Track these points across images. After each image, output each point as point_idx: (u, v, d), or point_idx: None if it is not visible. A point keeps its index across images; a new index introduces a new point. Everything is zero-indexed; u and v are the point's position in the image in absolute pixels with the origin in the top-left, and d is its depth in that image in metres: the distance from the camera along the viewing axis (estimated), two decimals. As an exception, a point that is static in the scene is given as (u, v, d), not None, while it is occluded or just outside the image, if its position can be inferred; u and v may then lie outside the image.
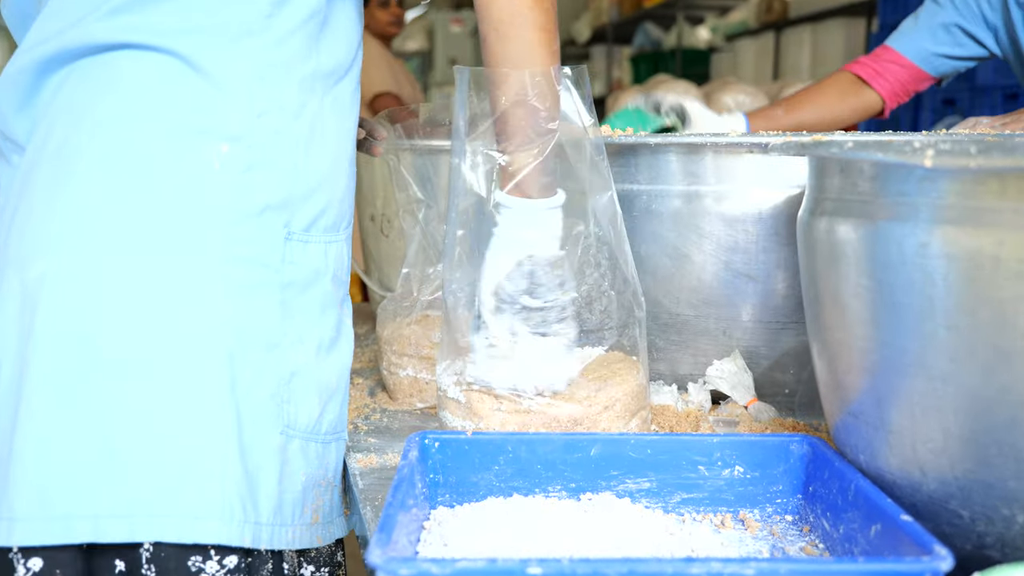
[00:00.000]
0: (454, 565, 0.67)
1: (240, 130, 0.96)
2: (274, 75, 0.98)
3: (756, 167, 1.23)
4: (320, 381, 1.05)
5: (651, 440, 0.97)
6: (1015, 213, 0.67)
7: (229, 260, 0.96)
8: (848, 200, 0.83)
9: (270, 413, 0.99)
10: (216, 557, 0.94)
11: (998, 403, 0.71)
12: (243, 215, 0.97)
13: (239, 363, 0.96)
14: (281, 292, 1.00)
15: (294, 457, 1.02)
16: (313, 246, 1.03)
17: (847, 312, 0.84)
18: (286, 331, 1.00)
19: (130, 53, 0.95)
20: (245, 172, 0.97)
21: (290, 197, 1.00)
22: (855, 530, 0.83)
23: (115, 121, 0.95)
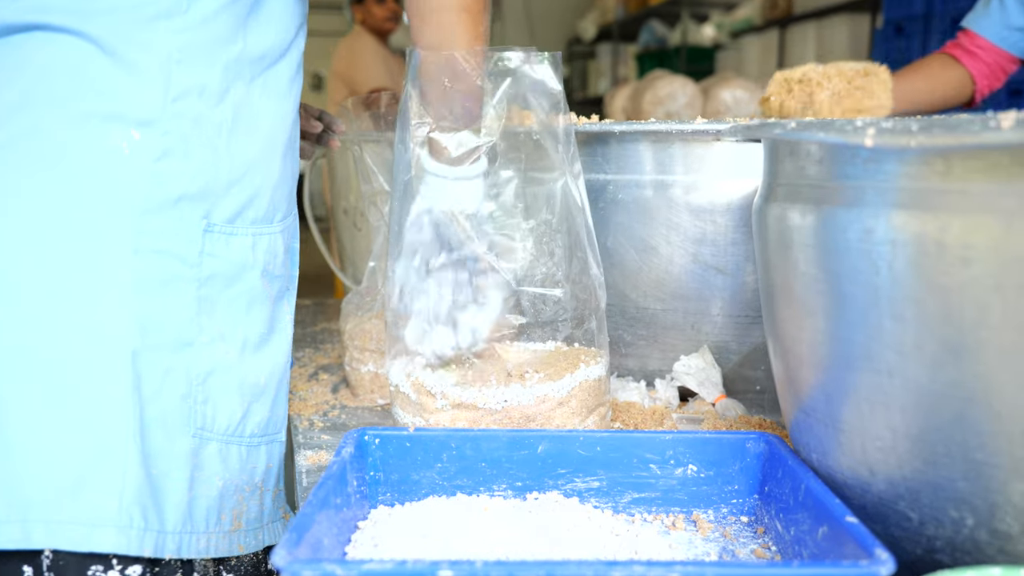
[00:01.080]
0: (361, 567, 0.64)
1: (153, 115, 0.91)
2: (194, 58, 0.92)
3: (724, 157, 1.19)
4: (244, 380, 1.00)
5: (600, 437, 0.93)
6: (960, 195, 0.63)
7: (138, 253, 0.91)
8: (797, 185, 0.79)
9: (181, 415, 0.94)
10: (118, 567, 0.90)
11: (945, 398, 0.67)
12: (155, 205, 0.92)
13: (145, 362, 0.91)
14: (198, 287, 0.95)
15: (209, 461, 0.97)
16: (238, 239, 0.97)
17: (797, 303, 0.80)
18: (202, 328, 0.95)
19: (39, 35, 0.90)
20: (158, 160, 0.91)
21: (210, 187, 0.95)
22: (805, 532, 0.79)
23: (22, 106, 0.90)
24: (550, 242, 1.06)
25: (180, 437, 0.94)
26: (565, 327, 1.08)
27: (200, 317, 0.95)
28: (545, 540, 0.85)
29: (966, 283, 0.63)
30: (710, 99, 3.57)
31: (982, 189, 0.62)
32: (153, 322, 0.92)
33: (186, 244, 0.93)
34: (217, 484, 0.97)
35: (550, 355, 1.09)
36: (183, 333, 0.94)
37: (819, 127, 0.69)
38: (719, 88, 3.59)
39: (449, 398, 1.03)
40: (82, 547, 0.87)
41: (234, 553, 0.99)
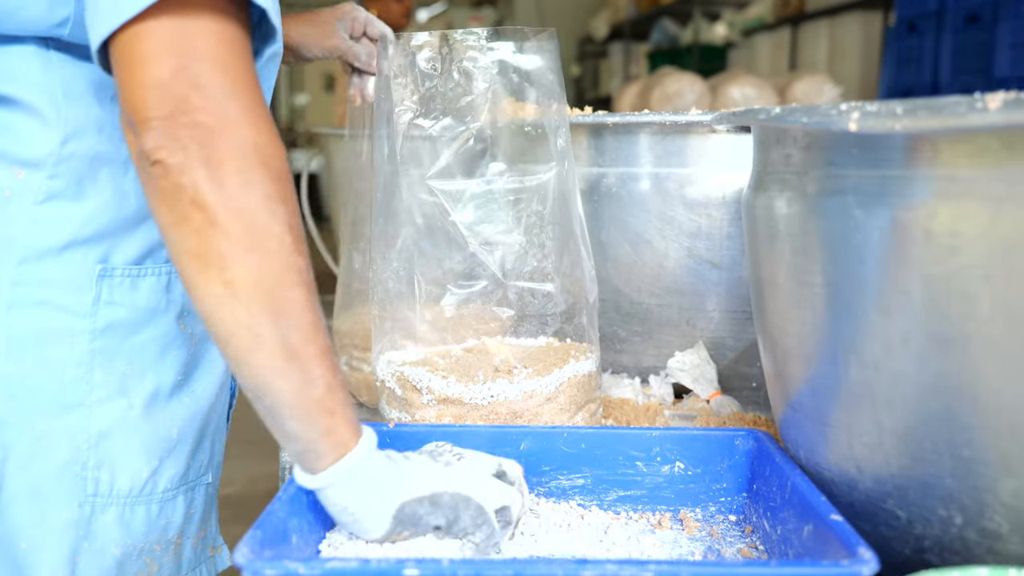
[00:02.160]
0: (324, 565, 0.61)
1: (37, 155, 0.82)
2: (85, 89, 0.83)
3: (720, 149, 1.16)
4: (152, 437, 0.90)
5: (585, 434, 0.91)
6: (947, 181, 0.61)
7: (11, 307, 0.82)
8: (783, 174, 0.76)
9: (63, 484, 0.85)
10: None
11: (932, 393, 0.64)
12: (37, 252, 0.83)
13: (11, 431, 0.83)
14: (91, 340, 0.85)
15: (104, 529, 0.88)
16: (147, 280, 0.89)
17: (784, 296, 0.77)
18: (95, 385, 0.86)
19: None
20: (43, 202, 0.83)
21: (110, 226, 0.86)
22: (791, 531, 0.76)
23: None
24: (540, 234, 1.04)
25: (59, 508, 0.85)
26: (555, 321, 1.06)
27: (92, 373, 0.86)
28: (525, 539, 0.83)
29: (953, 272, 0.61)
30: (719, 96, 3.54)
31: (970, 175, 0.60)
32: (25, 385, 0.83)
33: (74, 294, 0.85)
34: (114, 552, 0.89)
35: (539, 350, 1.07)
36: (67, 394, 0.85)
37: (803, 112, 0.67)
38: (728, 85, 3.57)
39: (435, 393, 1.01)
40: None
41: None
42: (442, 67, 0.98)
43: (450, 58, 0.99)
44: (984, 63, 4.24)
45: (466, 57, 0.99)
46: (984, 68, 4.25)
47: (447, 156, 1.00)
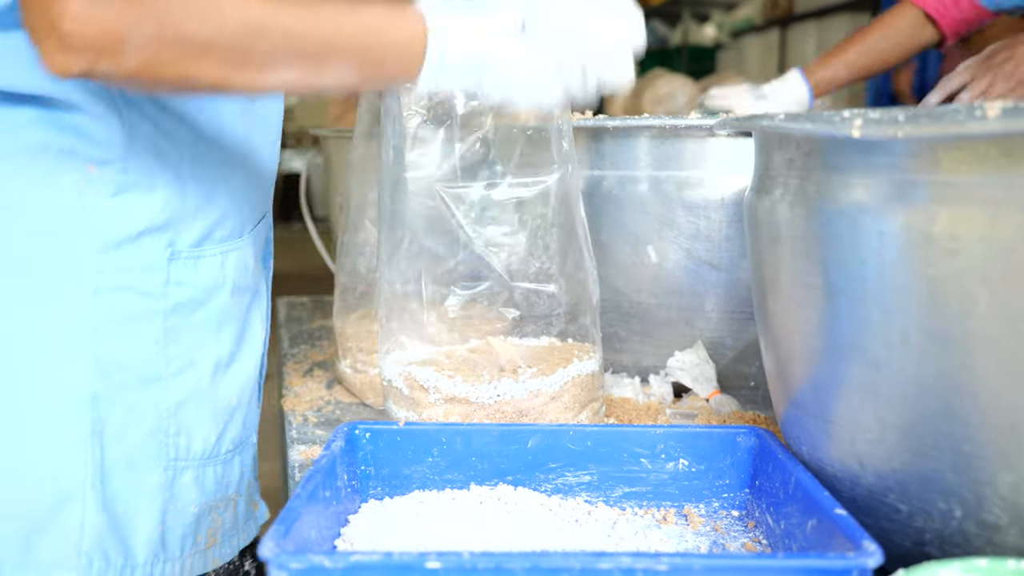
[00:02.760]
0: (348, 559, 0.64)
1: (110, 151, 0.88)
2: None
3: (719, 153, 1.19)
4: (217, 404, 0.98)
5: (591, 432, 0.93)
6: (947, 186, 0.63)
7: (97, 292, 0.88)
8: (786, 177, 0.78)
9: (150, 451, 0.92)
10: None
11: (932, 390, 0.66)
12: (115, 241, 0.89)
13: (106, 405, 0.89)
14: (164, 319, 0.92)
15: (184, 490, 0.95)
16: (206, 260, 0.95)
17: (786, 296, 0.80)
18: (169, 361, 0.93)
19: None
20: (116, 195, 0.88)
21: (174, 215, 0.92)
22: (795, 525, 0.79)
23: None
24: (545, 236, 1.06)
25: (149, 473, 0.92)
26: (559, 322, 1.08)
27: (167, 349, 0.92)
28: (535, 534, 0.85)
29: (953, 274, 0.63)
30: (709, 98, 3.57)
31: (969, 180, 0.62)
32: (114, 363, 0.89)
33: (149, 276, 0.91)
34: (193, 510, 0.96)
35: (543, 350, 1.09)
36: (148, 369, 0.91)
37: (807, 119, 0.69)
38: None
39: (442, 392, 1.03)
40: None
41: (209, 568, 0.98)
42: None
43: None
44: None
45: None
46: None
47: (453, 161, 1.02)
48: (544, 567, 0.63)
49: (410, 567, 0.63)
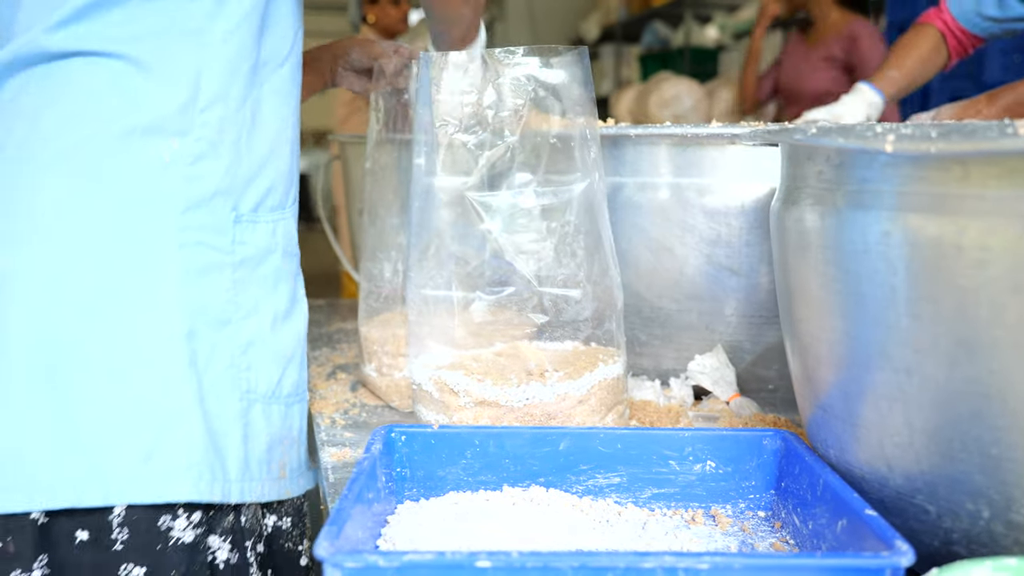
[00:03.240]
0: (402, 558, 0.66)
1: (187, 125, 1.01)
2: (218, 71, 1.02)
3: (739, 160, 1.21)
4: (277, 349, 1.10)
5: (621, 434, 0.96)
6: (977, 199, 0.65)
7: (182, 246, 1.01)
8: (815, 188, 0.81)
9: (229, 382, 1.05)
10: (183, 515, 1.02)
11: (962, 395, 0.69)
12: (193, 203, 1.02)
13: (197, 340, 1.02)
14: (233, 271, 1.05)
15: (256, 420, 1.07)
16: (261, 226, 1.08)
17: (815, 303, 0.82)
18: (239, 306, 1.06)
19: (81, 60, 1.00)
20: (194, 163, 1.02)
21: (236, 182, 1.05)
22: (823, 525, 0.81)
23: (69, 124, 1.00)
24: (572, 243, 1.08)
25: (231, 401, 1.05)
26: (586, 327, 1.10)
27: (237, 297, 1.06)
28: (568, 534, 0.87)
29: (983, 284, 0.66)
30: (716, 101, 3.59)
31: (999, 194, 0.64)
32: (199, 306, 1.03)
33: (221, 235, 1.04)
34: (264, 439, 1.08)
35: (569, 354, 1.12)
36: (223, 313, 1.05)
37: (839, 133, 0.72)
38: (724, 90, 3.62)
39: (472, 396, 1.06)
40: (160, 499, 0.99)
41: (283, 497, 1.12)
42: (481, 84, 1.03)
43: (488, 75, 1.03)
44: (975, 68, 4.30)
45: (502, 74, 1.03)
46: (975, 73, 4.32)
47: (483, 169, 1.04)
48: (592, 566, 0.65)
49: (461, 566, 0.66)
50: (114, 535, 0.99)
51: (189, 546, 1.02)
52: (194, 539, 1.02)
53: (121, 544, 1.00)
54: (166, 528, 1.01)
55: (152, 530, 1.00)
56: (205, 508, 1.04)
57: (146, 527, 1.00)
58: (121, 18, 0.99)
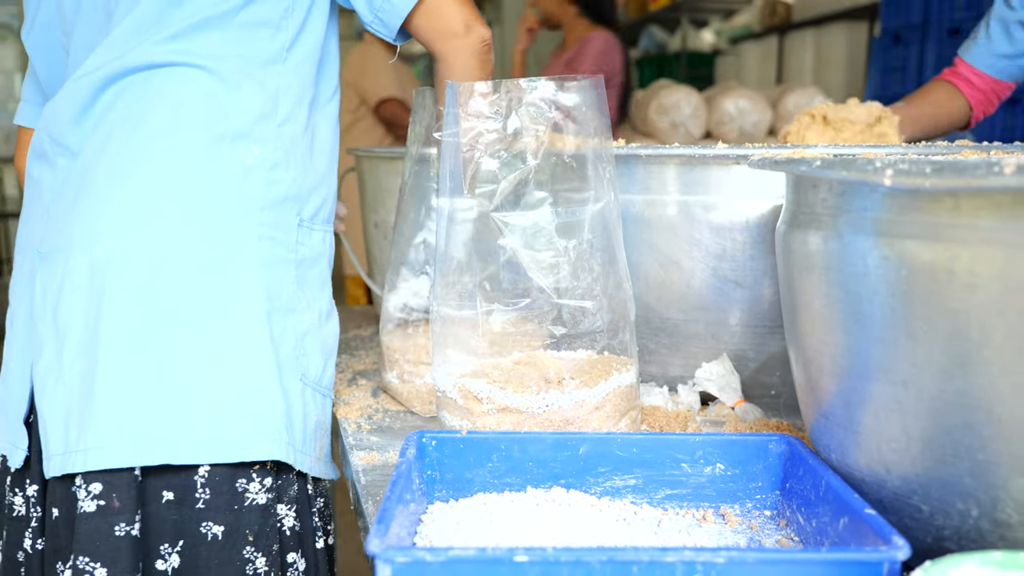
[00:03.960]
0: (447, 553, 0.73)
1: (266, 135, 1.18)
2: (291, 95, 1.21)
3: (744, 179, 1.28)
4: (323, 343, 1.26)
5: (636, 439, 1.03)
6: (968, 229, 0.72)
7: (259, 240, 1.17)
8: (820, 214, 0.88)
9: (292, 363, 1.21)
10: (257, 479, 1.16)
11: (954, 406, 0.76)
12: (269, 203, 1.18)
13: (272, 321, 1.18)
14: (296, 268, 1.22)
15: (308, 401, 1.23)
16: (316, 233, 1.25)
17: (819, 319, 0.89)
18: (300, 299, 1.22)
19: (179, 71, 1.16)
20: (271, 169, 1.19)
21: (301, 191, 1.22)
22: (826, 523, 0.88)
23: (167, 128, 1.15)
24: (589, 259, 1.15)
25: (294, 380, 1.21)
26: (601, 338, 1.17)
27: (298, 290, 1.22)
28: (587, 532, 0.94)
29: (973, 307, 0.73)
30: (713, 109, 3.66)
31: (987, 224, 0.71)
32: (273, 292, 1.18)
33: (288, 234, 1.21)
34: (313, 420, 1.23)
35: (585, 363, 1.19)
36: (289, 302, 1.21)
37: (842, 166, 0.79)
38: (722, 98, 3.69)
39: (495, 402, 1.13)
40: (244, 457, 1.13)
41: (320, 476, 1.26)
42: (505, 110, 1.10)
43: (510, 103, 1.10)
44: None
45: (523, 101, 1.10)
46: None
47: (506, 190, 1.11)
48: (618, 559, 0.72)
49: (500, 560, 0.73)
50: (197, 494, 1.12)
51: (262, 508, 1.14)
52: (266, 502, 1.15)
53: (203, 503, 1.12)
54: (242, 490, 1.13)
55: (231, 491, 1.12)
56: (275, 475, 1.16)
57: (227, 487, 1.12)
58: (219, 39, 1.16)
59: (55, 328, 1.15)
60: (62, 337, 1.14)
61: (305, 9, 1.22)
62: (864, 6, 5.09)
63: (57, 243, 1.17)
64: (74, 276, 1.14)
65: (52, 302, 1.15)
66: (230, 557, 1.14)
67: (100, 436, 1.10)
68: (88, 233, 1.14)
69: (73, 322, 1.13)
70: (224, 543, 1.14)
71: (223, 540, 1.14)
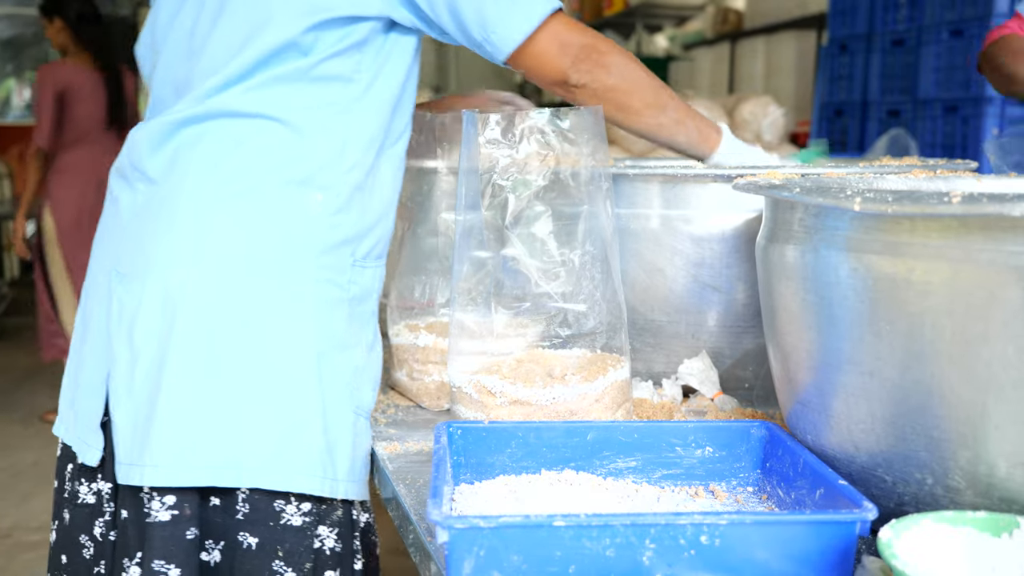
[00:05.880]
0: (497, 520, 0.87)
1: (331, 182, 1.27)
2: (359, 142, 1.29)
3: (719, 195, 1.44)
4: (370, 373, 1.36)
5: (637, 427, 1.17)
6: (922, 247, 0.88)
7: (317, 282, 1.26)
8: (797, 231, 1.03)
9: (346, 398, 1.29)
10: (295, 502, 1.25)
11: (912, 393, 0.92)
12: (328, 247, 1.27)
13: (324, 361, 1.26)
14: (349, 306, 1.30)
15: (361, 431, 1.33)
16: (368, 271, 1.33)
17: (796, 321, 1.05)
18: (350, 335, 1.30)
19: (256, 122, 1.26)
20: (332, 215, 1.27)
21: (358, 233, 1.30)
22: (804, 494, 1.03)
23: (242, 172, 1.26)
24: (591, 268, 1.30)
25: (346, 414, 1.30)
26: (600, 338, 1.32)
27: (350, 327, 1.30)
28: (596, 507, 1.09)
29: (926, 310, 0.88)
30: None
31: (938, 243, 0.87)
32: (325, 332, 1.27)
33: (343, 275, 1.29)
34: (364, 447, 1.33)
35: (584, 360, 1.33)
36: (342, 340, 1.29)
37: (819, 193, 0.94)
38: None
39: (507, 396, 1.27)
40: (280, 487, 1.23)
41: (365, 499, 1.35)
42: (517, 138, 1.25)
43: (521, 132, 1.25)
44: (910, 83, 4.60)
45: (533, 130, 1.25)
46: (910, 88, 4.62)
47: (519, 208, 1.26)
48: (640, 523, 0.87)
49: (541, 525, 0.87)
50: (238, 507, 1.23)
51: (296, 529, 1.24)
52: (302, 524, 1.24)
53: (242, 516, 1.23)
54: (279, 510, 1.23)
55: (268, 509, 1.23)
56: (316, 501, 1.25)
57: (264, 506, 1.22)
58: (294, 91, 1.26)
59: (130, 346, 1.24)
60: (135, 356, 1.24)
61: (379, 63, 1.30)
62: (812, 16, 5.29)
63: (136, 266, 1.27)
64: (150, 301, 1.24)
65: (128, 321, 1.25)
66: (260, 567, 1.25)
67: (156, 455, 1.20)
68: (165, 262, 1.24)
69: (147, 344, 1.23)
70: (256, 553, 1.25)
71: (256, 551, 1.25)
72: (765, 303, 1.15)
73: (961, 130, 4.25)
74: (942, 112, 4.38)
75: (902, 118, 4.64)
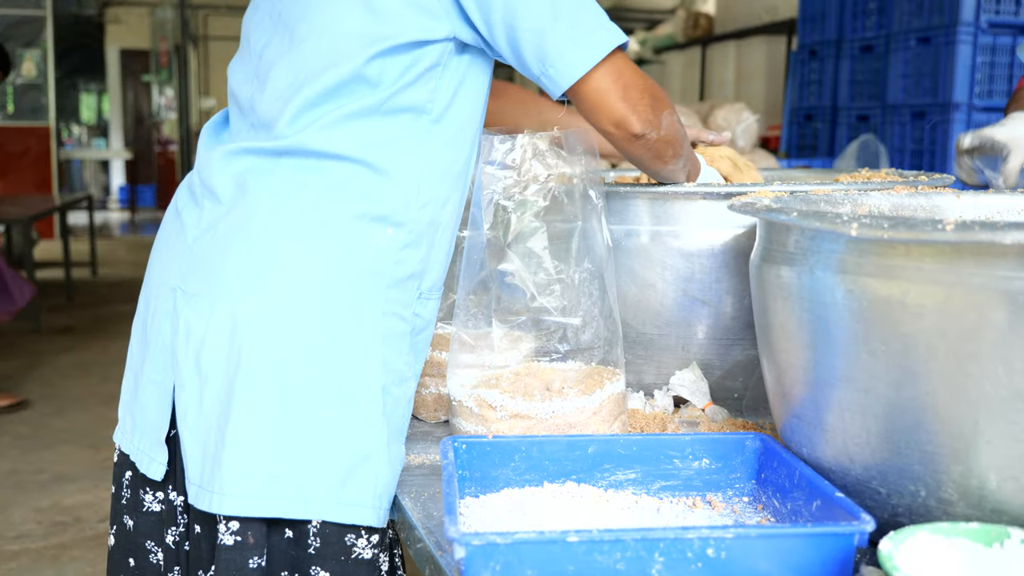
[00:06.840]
0: (512, 536, 0.90)
1: (404, 219, 1.26)
2: (433, 176, 1.28)
3: (708, 211, 1.48)
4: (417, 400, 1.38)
5: (636, 440, 1.21)
6: (916, 271, 0.92)
7: (384, 315, 1.26)
8: (792, 253, 1.07)
9: (402, 429, 1.31)
10: (365, 535, 1.26)
11: (906, 409, 0.96)
12: (395, 281, 1.27)
13: (387, 394, 1.27)
14: (410, 337, 1.31)
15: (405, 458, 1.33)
16: (431, 302, 1.34)
17: (792, 338, 1.09)
18: (411, 366, 1.31)
19: (331, 161, 1.25)
20: (401, 250, 1.27)
21: (425, 267, 1.31)
22: (800, 506, 1.08)
23: (315, 205, 1.25)
24: (589, 285, 1.34)
25: (400, 443, 1.31)
26: (599, 352, 1.36)
27: (410, 358, 1.31)
28: (597, 519, 1.12)
29: (920, 331, 0.93)
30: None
31: (931, 267, 0.91)
32: (390, 365, 1.27)
33: (408, 308, 1.29)
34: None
35: (581, 373, 1.37)
36: (403, 371, 1.30)
37: (816, 218, 0.98)
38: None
39: (507, 410, 1.30)
40: (349, 521, 1.24)
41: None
42: (521, 161, 1.29)
43: (523, 154, 1.29)
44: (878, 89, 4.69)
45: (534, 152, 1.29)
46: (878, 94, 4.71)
47: (518, 225, 1.29)
48: (650, 537, 0.90)
49: (556, 541, 0.90)
50: (309, 540, 1.24)
51: (368, 561, 1.26)
52: (372, 556, 1.27)
53: (313, 550, 1.24)
54: (351, 544, 1.25)
55: (339, 543, 1.24)
56: (381, 532, 1.28)
57: (335, 539, 1.24)
58: (366, 127, 1.24)
59: (197, 369, 1.25)
60: (204, 379, 1.24)
61: (453, 88, 1.28)
62: (783, 21, 5.37)
63: (204, 286, 1.27)
64: (218, 325, 1.24)
65: (196, 344, 1.25)
66: None
67: (224, 483, 1.21)
68: (234, 287, 1.24)
69: (215, 369, 1.24)
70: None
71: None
72: (759, 320, 1.19)
73: (929, 135, 4.34)
74: (910, 118, 4.47)
75: (871, 123, 4.72)
